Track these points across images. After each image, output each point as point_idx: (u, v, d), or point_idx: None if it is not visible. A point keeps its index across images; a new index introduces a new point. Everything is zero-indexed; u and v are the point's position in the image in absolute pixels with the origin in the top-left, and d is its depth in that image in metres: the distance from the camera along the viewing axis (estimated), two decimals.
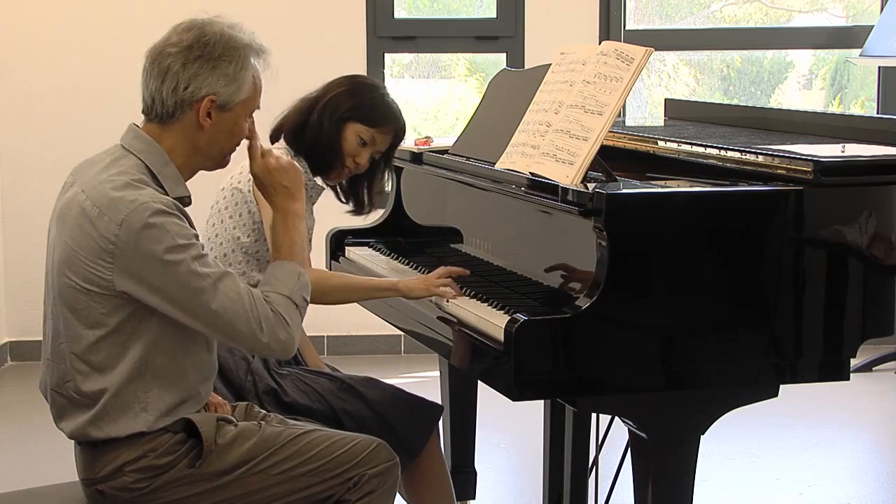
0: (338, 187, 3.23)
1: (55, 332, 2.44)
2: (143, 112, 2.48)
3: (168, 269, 2.31)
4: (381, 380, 3.05)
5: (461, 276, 2.82)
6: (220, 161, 2.51)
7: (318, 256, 3.63)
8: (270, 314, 2.37)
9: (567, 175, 2.58)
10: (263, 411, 2.71)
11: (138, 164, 2.42)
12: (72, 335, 2.40)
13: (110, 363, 2.38)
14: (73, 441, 2.53)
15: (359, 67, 5.67)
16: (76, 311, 2.38)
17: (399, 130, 3.10)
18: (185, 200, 2.45)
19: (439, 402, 3.11)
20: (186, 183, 2.48)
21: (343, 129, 3.03)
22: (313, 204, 3.16)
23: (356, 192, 3.21)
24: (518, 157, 2.82)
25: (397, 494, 2.66)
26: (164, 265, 2.30)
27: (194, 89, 2.39)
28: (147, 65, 2.43)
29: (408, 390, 3.05)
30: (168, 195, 2.38)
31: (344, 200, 3.24)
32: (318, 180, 3.14)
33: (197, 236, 2.38)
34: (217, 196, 3.08)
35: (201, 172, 2.52)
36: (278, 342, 2.39)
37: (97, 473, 2.44)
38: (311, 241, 3.12)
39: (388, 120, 3.08)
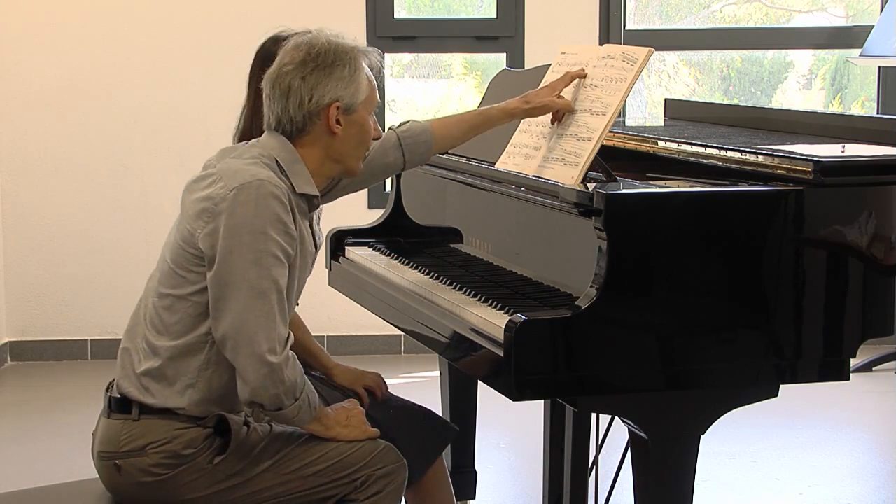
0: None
1: (149, 287, 2.54)
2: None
3: (243, 246, 2.36)
4: (396, 396, 3.04)
5: (460, 276, 2.82)
6: (353, 166, 2.58)
7: (319, 256, 3.63)
8: (290, 355, 2.41)
9: (571, 176, 2.59)
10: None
11: (269, 155, 2.49)
12: (159, 291, 2.49)
13: (181, 330, 2.45)
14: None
15: None
16: (169, 267, 2.48)
17: None
18: (314, 201, 2.54)
19: (453, 426, 3.08)
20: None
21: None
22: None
23: None
24: (521, 159, 2.82)
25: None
26: (242, 240, 2.36)
27: (318, 98, 2.48)
28: (268, 90, 2.52)
29: (423, 405, 3.03)
30: (294, 190, 2.47)
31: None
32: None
33: (293, 235, 2.42)
34: None
35: None
36: (273, 373, 2.37)
37: (120, 447, 2.46)
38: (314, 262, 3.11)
39: None
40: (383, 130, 2.76)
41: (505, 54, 5.78)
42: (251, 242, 2.36)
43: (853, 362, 2.54)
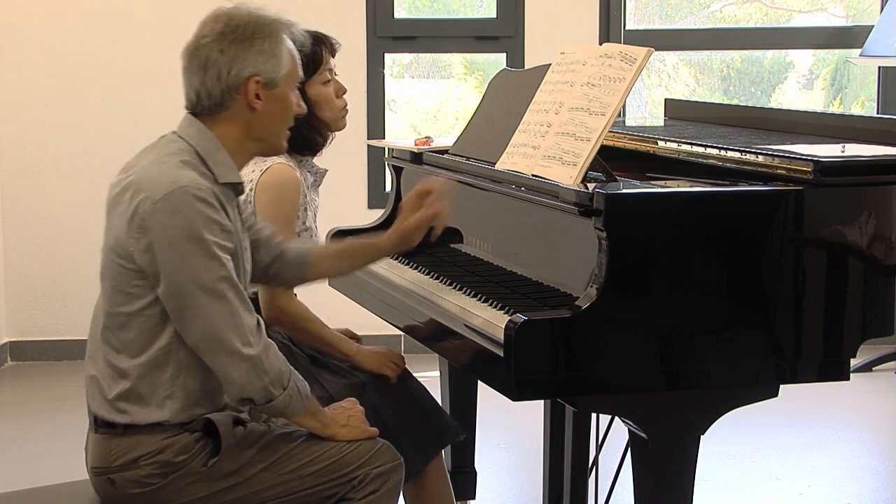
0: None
1: (97, 309, 2.48)
2: (187, 108, 2.49)
3: (190, 256, 2.33)
4: (416, 382, 3.04)
5: (460, 276, 2.82)
6: (277, 144, 2.53)
7: None
8: (267, 343, 2.39)
9: (570, 176, 2.58)
10: None
11: (188, 148, 2.43)
12: (107, 311, 2.44)
13: (138, 347, 2.41)
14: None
15: (359, 67, 5.68)
16: (112, 286, 2.42)
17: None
18: (238, 188, 2.48)
19: (460, 428, 3.08)
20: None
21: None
22: (318, 187, 3.15)
23: (318, 128, 3.08)
24: (519, 158, 2.82)
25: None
26: (187, 250, 2.32)
27: (238, 72, 2.42)
28: (185, 63, 2.45)
29: (436, 401, 3.04)
30: (217, 181, 2.41)
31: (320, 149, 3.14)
32: (316, 162, 3.13)
33: (229, 230, 2.38)
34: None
35: None
36: (254, 365, 2.36)
37: (112, 462, 2.45)
38: (316, 222, 3.11)
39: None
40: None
41: (505, 54, 5.77)
42: (192, 251, 2.33)
43: (853, 362, 2.54)
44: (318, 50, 3.06)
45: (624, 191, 2.46)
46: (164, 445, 2.43)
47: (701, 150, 2.81)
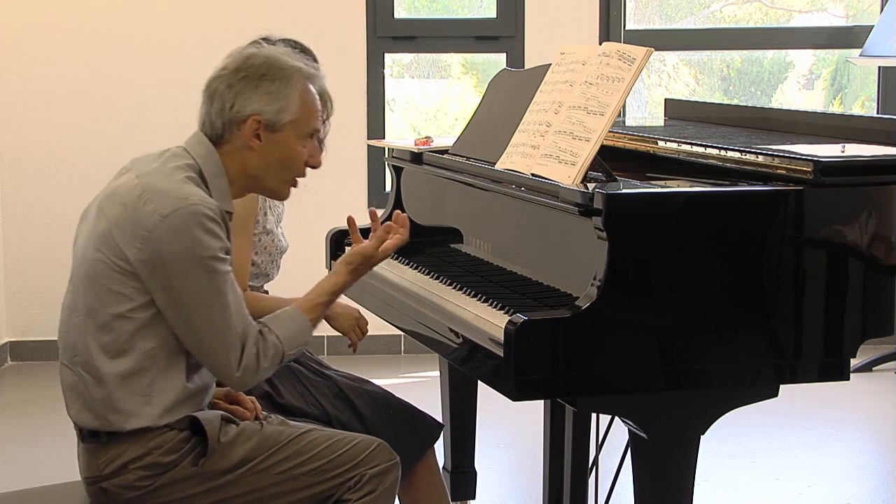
0: None
1: (73, 306, 2.47)
2: (200, 129, 2.53)
3: (192, 274, 2.34)
4: (383, 390, 3.04)
5: (460, 276, 2.82)
6: (274, 188, 2.55)
7: (319, 257, 3.63)
8: (253, 358, 2.42)
9: (569, 175, 2.58)
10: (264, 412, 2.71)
11: (194, 165, 2.46)
12: (88, 309, 2.43)
13: (119, 349, 2.40)
14: (74, 440, 2.53)
15: (359, 67, 5.68)
16: (99, 285, 2.41)
17: None
18: (230, 217, 2.49)
19: (439, 421, 3.09)
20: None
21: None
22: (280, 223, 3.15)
23: None
24: (518, 158, 2.82)
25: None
26: (190, 269, 2.34)
27: (240, 108, 2.45)
28: (203, 90, 2.50)
29: (410, 402, 3.04)
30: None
31: None
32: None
33: (229, 251, 2.41)
34: None
35: None
36: (240, 384, 2.45)
37: (101, 471, 2.44)
38: (280, 226, 3.12)
39: None
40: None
41: (505, 54, 5.78)
42: (199, 272, 2.35)
43: (853, 362, 2.54)
44: None
45: (624, 191, 2.46)
46: (151, 448, 2.42)
47: (701, 150, 2.81)
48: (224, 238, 2.39)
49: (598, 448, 3.21)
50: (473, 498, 3.64)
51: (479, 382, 2.99)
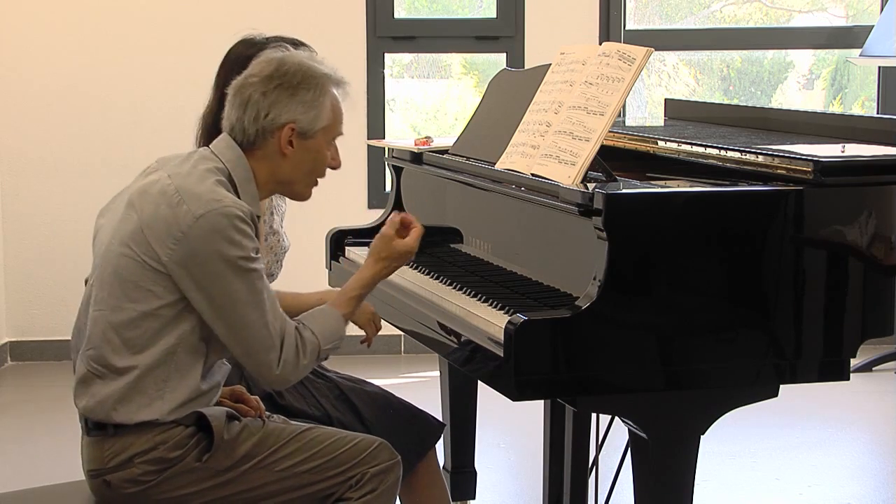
0: None
1: (96, 300, 2.47)
2: (227, 132, 2.53)
3: (228, 275, 2.36)
4: (384, 390, 3.04)
5: (460, 276, 2.82)
6: (300, 191, 2.58)
7: (319, 257, 3.63)
8: (293, 354, 2.44)
9: (569, 175, 2.58)
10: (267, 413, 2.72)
11: (224, 169, 2.47)
12: (113, 305, 2.43)
13: (142, 344, 2.42)
14: (75, 439, 2.53)
15: (359, 67, 5.68)
16: (126, 281, 2.41)
17: None
18: (257, 220, 2.50)
19: (440, 421, 3.09)
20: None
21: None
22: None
23: None
24: (518, 158, 2.82)
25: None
26: (225, 270, 2.36)
27: (275, 116, 2.46)
28: (231, 96, 2.50)
29: (410, 402, 3.04)
30: None
31: None
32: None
33: (259, 251, 2.43)
34: None
35: None
36: (281, 381, 2.48)
37: (106, 464, 2.45)
38: (283, 226, 3.13)
39: None
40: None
41: (505, 54, 5.78)
42: (234, 273, 2.37)
43: (853, 362, 2.54)
44: None
45: (624, 191, 2.46)
46: (158, 442, 2.43)
47: (701, 150, 2.81)
48: (255, 239, 2.41)
49: (598, 448, 3.21)
50: (473, 498, 3.65)
51: (479, 382, 3.00)
